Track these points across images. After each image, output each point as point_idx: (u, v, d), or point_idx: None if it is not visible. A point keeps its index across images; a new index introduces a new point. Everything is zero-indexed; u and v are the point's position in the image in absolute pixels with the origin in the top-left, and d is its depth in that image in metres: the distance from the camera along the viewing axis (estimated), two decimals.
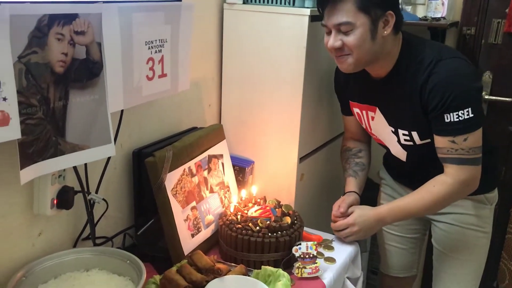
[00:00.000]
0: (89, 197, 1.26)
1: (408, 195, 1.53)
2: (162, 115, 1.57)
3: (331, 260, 1.46)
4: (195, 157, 1.49)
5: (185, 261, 1.29)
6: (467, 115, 1.33)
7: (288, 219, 1.45)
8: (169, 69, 1.35)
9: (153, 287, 1.21)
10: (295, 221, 1.47)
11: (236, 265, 1.34)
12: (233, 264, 1.36)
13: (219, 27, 1.75)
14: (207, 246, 1.47)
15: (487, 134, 1.48)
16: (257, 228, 1.39)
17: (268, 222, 1.42)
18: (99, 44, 1.10)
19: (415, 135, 1.47)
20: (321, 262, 1.41)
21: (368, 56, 1.38)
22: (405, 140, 1.51)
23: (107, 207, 1.33)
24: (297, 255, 1.37)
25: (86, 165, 1.26)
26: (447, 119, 1.35)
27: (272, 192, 1.70)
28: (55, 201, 1.18)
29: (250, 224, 1.41)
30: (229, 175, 1.66)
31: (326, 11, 1.36)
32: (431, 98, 1.36)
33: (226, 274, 1.26)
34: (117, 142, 1.25)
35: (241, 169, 1.77)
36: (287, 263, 1.39)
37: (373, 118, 1.56)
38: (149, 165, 1.31)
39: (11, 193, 1.12)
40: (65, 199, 1.19)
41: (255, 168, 1.82)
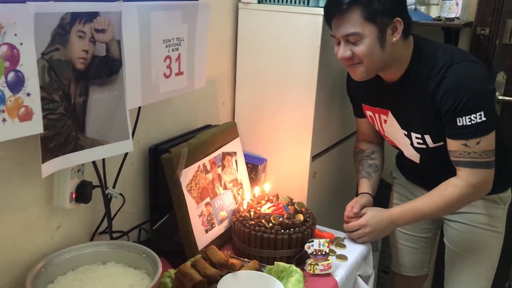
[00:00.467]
0: (107, 192, 1.28)
1: (420, 197, 1.54)
2: (177, 112, 1.59)
3: (343, 257, 1.47)
4: (210, 154, 1.51)
5: (199, 256, 1.31)
6: (480, 119, 1.33)
7: (300, 216, 1.46)
8: (185, 67, 1.37)
9: (168, 280, 1.23)
10: (308, 219, 1.48)
11: (249, 260, 1.35)
12: (246, 259, 1.38)
13: (234, 26, 1.77)
14: (221, 242, 1.49)
15: (501, 134, 1.48)
16: (270, 224, 1.41)
17: (281, 219, 1.43)
18: (119, 42, 1.12)
19: (428, 138, 1.48)
20: (333, 259, 1.42)
21: (378, 63, 1.39)
22: (418, 143, 1.51)
23: (124, 202, 1.36)
24: (309, 252, 1.39)
25: (104, 161, 1.28)
26: (460, 122, 1.35)
27: (284, 190, 1.71)
28: (74, 195, 1.20)
29: (263, 220, 1.42)
30: (242, 173, 1.67)
31: (333, 23, 1.37)
32: (444, 102, 1.36)
33: (239, 269, 1.27)
34: (134, 138, 1.27)
35: (254, 166, 1.79)
36: (300, 259, 1.40)
37: (385, 121, 1.57)
38: (165, 161, 1.34)
39: (32, 186, 1.14)
40: (84, 193, 1.22)
41: (268, 166, 1.83)
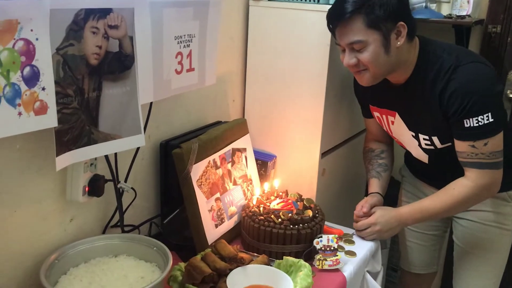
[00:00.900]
0: (119, 186, 1.31)
1: (428, 197, 1.54)
2: (188, 108, 1.61)
3: (351, 253, 1.48)
4: (220, 150, 1.52)
5: (209, 250, 1.33)
6: (487, 120, 1.33)
7: (309, 212, 1.47)
8: (196, 63, 1.39)
9: (178, 273, 1.25)
10: (317, 215, 1.49)
11: (258, 255, 1.36)
12: (256, 254, 1.39)
13: (245, 23, 1.79)
14: (230, 236, 1.51)
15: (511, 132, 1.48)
16: (279, 220, 1.42)
17: (290, 214, 1.44)
18: (131, 38, 1.14)
19: (435, 139, 1.48)
20: (341, 255, 1.43)
21: (384, 68, 1.39)
22: (426, 144, 1.51)
23: (135, 196, 1.38)
24: (318, 247, 1.39)
25: (116, 155, 1.31)
26: (467, 124, 1.35)
27: (294, 186, 1.72)
28: (87, 189, 1.22)
29: (272, 216, 1.43)
30: (252, 169, 1.69)
31: (337, 32, 1.38)
32: (451, 104, 1.36)
33: (248, 263, 1.28)
34: (145, 133, 1.29)
35: (264, 163, 1.80)
36: (308, 255, 1.41)
37: (393, 122, 1.57)
38: (176, 156, 1.36)
39: (47, 180, 1.17)
40: (96, 186, 1.24)
41: (277, 162, 1.84)
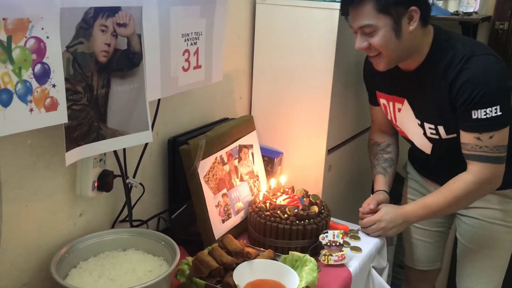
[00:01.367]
0: (127, 181, 1.33)
1: (431, 194, 1.55)
2: (196, 105, 1.63)
3: (357, 249, 1.49)
4: (227, 147, 1.54)
5: (216, 245, 1.35)
6: (495, 113, 1.33)
7: (315, 208, 1.49)
8: (203, 60, 1.41)
9: (185, 267, 1.26)
10: (323, 210, 1.50)
11: (264, 250, 1.38)
12: (262, 249, 1.41)
13: (251, 20, 1.80)
14: (237, 232, 1.53)
15: None
16: (285, 215, 1.44)
17: (296, 210, 1.46)
18: (139, 36, 1.16)
19: (441, 129, 1.48)
20: (347, 250, 1.44)
21: (397, 53, 1.40)
22: (431, 133, 1.52)
23: (144, 191, 1.40)
24: (323, 242, 1.41)
25: (124, 151, 1.33)
26: (475, 115, 1.36)
27: (300, 182, 1.74)
28: (96, 184, 1.25)
29: (278, 211, 1.45)
30: (258, 165, 1.70)
31: (350, 14, 1.39)
32: (460, 94, 1.37)
33: (255, 258, 1.30)
34: (153, 130, 1.31)
35: (270, 159, 1.81)
36: (314, 250, 1.42)
37: (400, 110, 1.57)
38: (184, 152, 1.38)
39: (57, 175, 1.19)
40: (105, 182, 1.26)
41: (283, 159, 1.86)
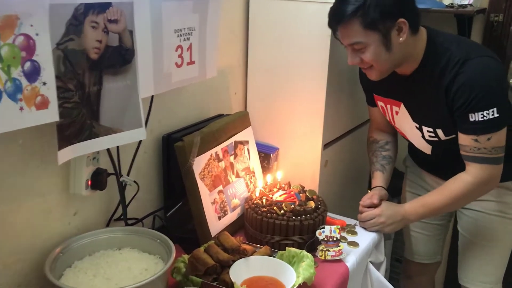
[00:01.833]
0: (121, 179, 1.32)
1: (430, 193, 1.55)
2: (190, 101, 1.62)
3: (354, 244, 1.49)
4: (222, 143, 1.53)
5: (212, 242, 1.34)
6: (492, 115, 1.33)
7: (312, 203, 1.48)
8: (197, 56, 1.39)
9: (181, 265, 1.26)
10: (319, 206, 1.50)
11: (261, 246, 1.37)
12: (258, 245, 1.40)
13: (245, 15, 1.78)
14: (233, 229, 1.52)
15: None
16: (282, 211, 1.43)
17: (292, 206, 1.45)
18: (131, 32, 1.15)
19: (440, 132, 1.48)
20: (344, 246, 1.44)
21: (389, 64, 1.40)
22: (430, 136, 1.51)
23: (138, 189, 1.39)
24: (320, 238, 1.40)
25: (118, 149, 1.31)
26: (472, 118, 1.35)
27: (296, 178, 1.72)
28: (90, 182, 1.23)
29: (275, 207, 1.44)
30: (254, 161, 1.69)
31: (338, 32, 1.39)
32: (457, 97, 1.36)
33: (251, 254, 1.29)
34: (147, 127, 1.30)
35: (266, 155, 1.80)
36: (311, 246, 1.42)
37: (397, 112, 1.57)
38: (178, 149, 1.36)
39: (50, 173, 1.18)
40: (99, 180, 1.24)
41: (280, 154, 1.85)
